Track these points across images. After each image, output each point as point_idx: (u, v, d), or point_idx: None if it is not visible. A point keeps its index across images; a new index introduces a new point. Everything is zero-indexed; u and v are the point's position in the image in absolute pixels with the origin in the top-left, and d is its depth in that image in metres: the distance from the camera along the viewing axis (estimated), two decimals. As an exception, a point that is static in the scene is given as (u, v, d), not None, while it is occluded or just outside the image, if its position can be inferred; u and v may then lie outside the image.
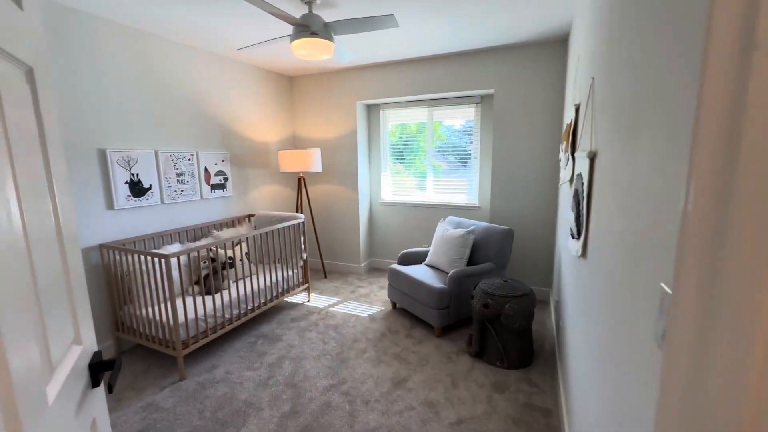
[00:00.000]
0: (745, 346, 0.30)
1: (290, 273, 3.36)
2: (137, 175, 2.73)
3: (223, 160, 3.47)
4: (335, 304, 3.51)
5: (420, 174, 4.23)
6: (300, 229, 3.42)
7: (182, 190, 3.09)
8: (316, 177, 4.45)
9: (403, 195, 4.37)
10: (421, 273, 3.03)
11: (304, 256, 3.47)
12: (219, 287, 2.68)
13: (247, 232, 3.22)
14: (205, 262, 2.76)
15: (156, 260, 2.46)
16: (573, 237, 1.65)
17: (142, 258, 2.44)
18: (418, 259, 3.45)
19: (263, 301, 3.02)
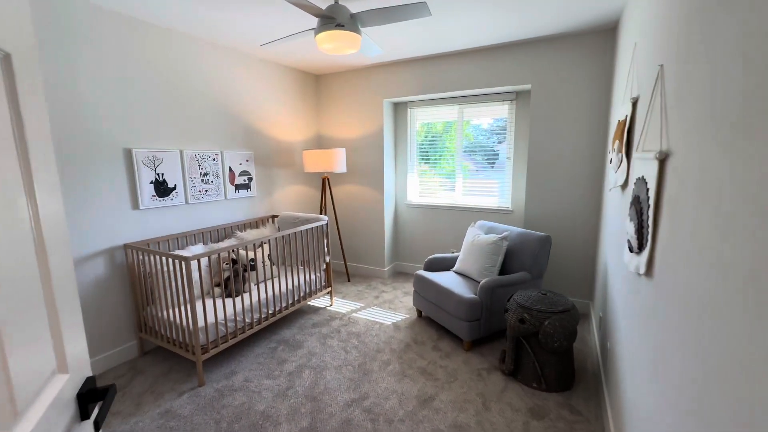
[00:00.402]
0: None
1: (313, 276, 3.27)
2: (162, 174, 2.71)
3: (247, 160, 3.43)
4: (358, 309, 3.38)
5: (446, 175, 4.03)
6: (324, 231, 3.32)
7: (206, 190, 3.06)
8: (340, 177, 4.35)
9: (430, 197, 4.18)
10: (449, 281, 2.85)
11: (327, 258, 3.36)
12: (240, 290, 2.62)
13: (270, 234, 3.14)
14: (226, 264, 2.70)
15: (176, 262, 2.41)
16: (631, 251, 1.43)
17: (163, 259, 2.40)
18: (445, 265, 3.26)
19: (285, 305, 2.94)
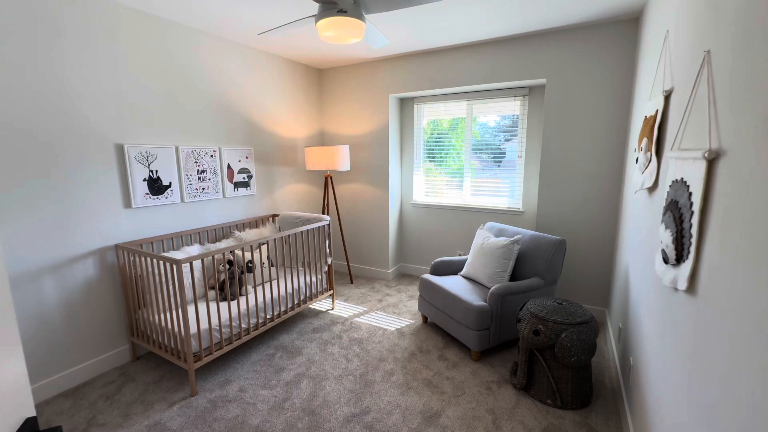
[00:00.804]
0: None
1: (314, 278, 3.13)
2: (156, 172, 2.58)
3: (247, 157, 3.29)
4: (361, 314, 3.24)
5: (452, 174, 3.87)
6: (326, 231, 3.18)
7: (204, 188, 2.93)
8: (344, 175, 4.20)
9: (436, 196, 4.02)
10: (457, 286, 2.69)
11: (329, 260, 3.22)
12: (236, 293, 2.49)
13: (270, 234, 3.01)
14: (222, 266, 2.57)
15: (167, 265, 2.29)
16: (667, 262, 1.26)
17: (153, 261, 2.28)
18: (452, 268, 3.10)
19: (284, 310, 2.80)
